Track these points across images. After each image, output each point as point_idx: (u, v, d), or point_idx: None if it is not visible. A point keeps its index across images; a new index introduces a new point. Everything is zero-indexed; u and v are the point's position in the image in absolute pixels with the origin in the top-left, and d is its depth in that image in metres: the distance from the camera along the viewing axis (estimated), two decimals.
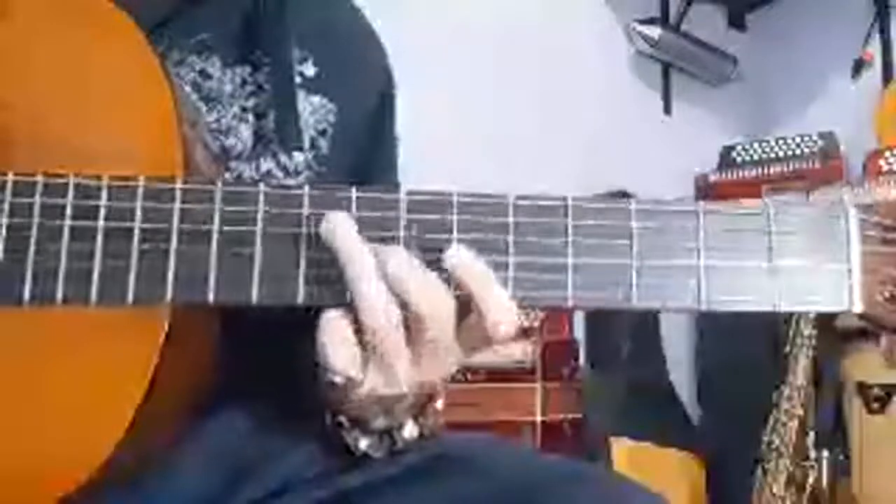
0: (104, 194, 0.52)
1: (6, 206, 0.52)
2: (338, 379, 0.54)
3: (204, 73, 0.71)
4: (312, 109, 0.75)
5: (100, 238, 0.52)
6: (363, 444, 0.63)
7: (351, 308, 0.52)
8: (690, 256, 0.54)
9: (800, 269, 0.55)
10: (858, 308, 0.55)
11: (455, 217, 0.54)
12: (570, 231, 0.54)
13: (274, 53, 0.73)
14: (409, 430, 0.63)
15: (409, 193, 0.54)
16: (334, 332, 0.53)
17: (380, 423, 0.62)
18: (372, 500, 0.65)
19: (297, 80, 0.75)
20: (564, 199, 0.54)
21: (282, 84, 0.72)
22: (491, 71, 2.48)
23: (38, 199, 0.52)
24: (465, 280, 0.52)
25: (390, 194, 0.54)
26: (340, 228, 0.52)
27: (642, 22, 2.93)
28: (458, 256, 0.52)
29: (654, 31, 2.93)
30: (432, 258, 0.53)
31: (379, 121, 0.82)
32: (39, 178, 0.52)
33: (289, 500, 0.66)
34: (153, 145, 0.55)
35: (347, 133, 0.77)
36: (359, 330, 0.53)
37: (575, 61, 2.73)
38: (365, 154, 0.79)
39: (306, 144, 0.74)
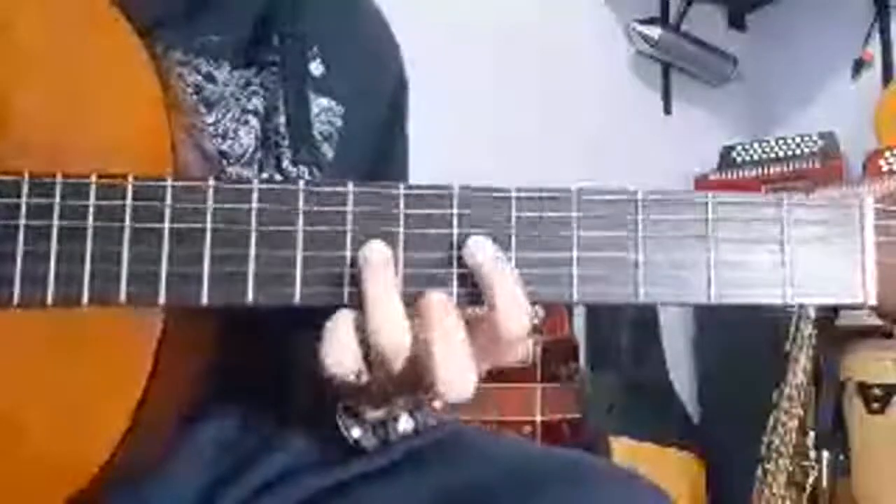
0: (92, 194, 0.51)
1: None
2: (336, 374, 0.53)
3: (210, 77, 0.69)
4: (318, 111, 0.73)
5: (89, 238, 0.50)
6: (356, 432, 0.62)
7: (361, 318, 0.51)
8: (701, 248, 0.52)
9: (813, 262, 0.53)
10: (872, 301, 0.53)
11: (455, 211, 0.52)
12: (574, 224, 0.52)
13: (288, 51, 0.71)
14: (404, 424, 0.63)
15: (408, 188, 0.52)
16: (339, 337, 0.52)
17: (375, 414, 0.61)
18: (369, 489, 0.65)
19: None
20: (568, 190, 0.52)
21: (295, 83, 0.70)
22: (491, 71, 2.47)
23: (24, 199, 0.51)
24: (484, 274, 0.50)
25: (387, 189, 0.52)
26: (373, 254, 0.50)
27: (642, 22, 2.93)
28: (482, 251, 0.51)
29: (654, 31, 2.92)
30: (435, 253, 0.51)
31: (388, 132, 0.80)
32: (25, 178, 0.51)
33: (284, 490, 0.66)
34: (141, 142, 0.54)
35: (353, 138, 0.75)
36: (364, 340, 0.51)
37: (575, 61, 2.73)
38: (372, 165, 0.77)
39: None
